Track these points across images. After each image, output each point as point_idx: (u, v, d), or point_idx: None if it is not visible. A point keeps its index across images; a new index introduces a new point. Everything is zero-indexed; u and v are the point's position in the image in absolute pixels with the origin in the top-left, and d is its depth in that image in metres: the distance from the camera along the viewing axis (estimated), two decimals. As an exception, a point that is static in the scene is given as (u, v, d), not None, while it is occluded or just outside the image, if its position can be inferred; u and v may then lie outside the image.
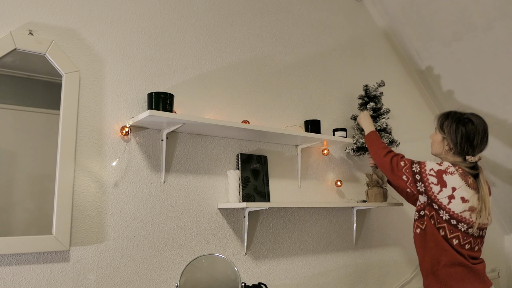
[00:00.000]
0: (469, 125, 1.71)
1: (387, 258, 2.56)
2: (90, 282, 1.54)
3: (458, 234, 1.63)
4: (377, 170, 2.32)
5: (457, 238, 1.63)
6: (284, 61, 2.30)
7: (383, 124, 2.31)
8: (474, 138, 1.69)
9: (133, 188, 1.69)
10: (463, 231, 1.63)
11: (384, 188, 2.31)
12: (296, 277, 2.11)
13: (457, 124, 1.72)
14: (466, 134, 1.70)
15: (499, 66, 2.57)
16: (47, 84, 1.54)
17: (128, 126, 1.69)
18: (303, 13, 2.46)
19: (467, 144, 1.70)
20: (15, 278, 1.40)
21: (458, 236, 1.63)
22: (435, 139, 1.81)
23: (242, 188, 1.93)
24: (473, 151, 1.71)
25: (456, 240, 1.63)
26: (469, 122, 1.72)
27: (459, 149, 1.71)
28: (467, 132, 1.70)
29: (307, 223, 2.21)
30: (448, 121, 1.75)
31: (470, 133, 1.70)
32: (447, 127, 1.74)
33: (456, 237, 1.63)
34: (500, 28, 2.42)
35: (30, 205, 1.44)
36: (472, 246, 1.66)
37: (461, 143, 1.70)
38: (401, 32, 2.85)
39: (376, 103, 2.35)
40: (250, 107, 2.10)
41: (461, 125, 1.71)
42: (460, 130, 1.71)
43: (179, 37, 1.93)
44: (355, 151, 2.36)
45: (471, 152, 1.71)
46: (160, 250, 1.72)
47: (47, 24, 1.58)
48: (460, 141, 1.70)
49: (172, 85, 1.86)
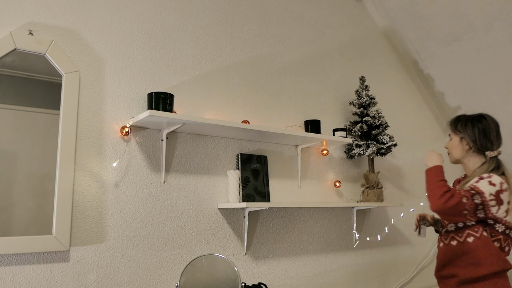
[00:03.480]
0: (483, 120, 1.76)
1: (387, 258, 2.56)
2: (90, 282, 1.54)
3: (508, 241, 1.69)
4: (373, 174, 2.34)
5: (508, 246, 1.69)
6: (284, 61, 2.30)
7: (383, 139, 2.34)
8: (491, 133, 1.74)
9: (133, 188, 1.69)
10: (511, 236, 1.69)
11: (380, 189, 2.31)
12: (296, 277, 2.11)
13: (472, 122, 1.77)
14: (483, 129, 1.74)
15: (499, 66, 2.56)
16: (47, 84, 1.54)
17: (128, 126, 1.69)
18: (303, 13, 2.46)
19: (485, 139, 1.73)
20: (15, 278, 1.40)
21: (509, 243, 1.69)
22: (453, 144, 1.81)
23: (242, 188, 1.93)
24: (491, 146, 1.74)
25: (507, 247, 1.68)
26: (482, 118, 1.77)
27: (479, 146, 1.74)
28: (483, 127, 1.74)
29: (307, 223, 2.21)
30: (462, 122, 1.79)
31: (486, 128, 1.74)
32: (463, 127, 1.78)
33: (507, 244, 1.69)
34: (500, 28, 2.42)
35: (30, 205, 1.44)
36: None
37: (479, 139, 1.73)
38: (401, 32, 2.85)
39: (369, 112, 2.36)
40: (250, 107, 2.10)
41: (476, 122, 1.76)
42: (476, 126, 1.75)
43: (179, 37, 1.93)
44: (348, 153, 2.40)
45: (490, 147, 1.74)
46: (160, 250, 1.72)
47: (47, 24, 1.58)
48: (479, 137, 1.74)
49: (172, 85, 1.86)
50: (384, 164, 2.65)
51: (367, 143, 2.32)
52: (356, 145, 2.33)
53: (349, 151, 2.39)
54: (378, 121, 2.36)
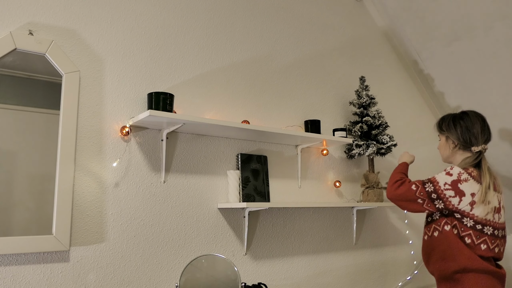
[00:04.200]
0: (465, 117, 1.78)
1: (387, 258, 2.56)
2: (90, 282, 1.54)
3: (485, 238, 1.61)
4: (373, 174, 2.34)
5: (485, 243, 1.61)
6: (284, 61, 2.30)
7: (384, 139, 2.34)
8: (473, 127, 1.75)
9: (133, 188, 1.69)
10: (489, 235, 1.62)
11: (380, 189, 2.32)
12: (296, 277, 2.11)
13: (453, 120, 1.80)
14: (465, 126, 1.76)
15: (499, 66, 2.56)
16: (47, 84, 1.54)
17: (128, 126, 1.69)
18: (303, 13, 2.46)
19: (468, 135, 1.75)
20: (15, 278, 1.40)
21: (486, 240, 1.61)
22: (441, 144, 1.86)
23: (242, 188, 1.93)
24: (476, 141, 1.74)
25: (485, 245, 1.61)
26: (463, 114, 1.79)
27: (463, 142, 1.75)
28: (465, 124, 1.76)
29: (307, 223, 2.21)
30: (446, 121, 1.83)
31: (468, 124, 1.76)
32: (446, 125, 1.82)
33: (484, 242, 1.61)
34: (500, 28, 2.42)
35: (30, 205, 1.44)
36: (500, 248, 1.65)
37: (463, 135, 1.75)
38: (401, 32, 2.85)
39: (369, 112, 2.36)
40: (250, 107, 2.10)
41: (458, 119, 1.79)
42: (458, 123, 1.78)
43: (179, 37, 1.93)
44: (348, 153, 2.39)
45: (475, 142, 1.74)
46: (160, 250, 1.72)
47: (47, 24, 1.58)
48: (461, 134, 1.75)
49: (172, 85, 1.86)
50: (384, 164, 2.65)
51: (367, 143, 2.32)
52: (356, 145, 2.34)
53: (349, 151, 2.39)
54: (378, 121, 2.36)
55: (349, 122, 2.42)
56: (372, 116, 2.36)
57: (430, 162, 2.89)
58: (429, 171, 2.80)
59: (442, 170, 1.73)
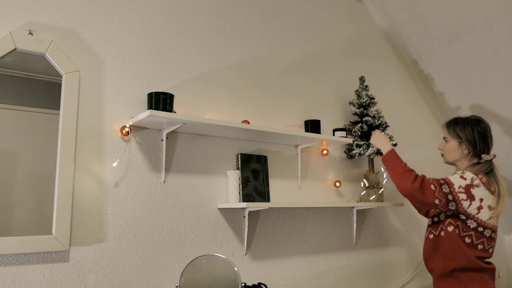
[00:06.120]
0: (481, 124, 1.78)
1: (387, 258, 2.56)
2: (90, 282, 1.54)
3: (483, 240, 1.69)
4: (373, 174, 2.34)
5: (482, 244, 1.69)
6: (284, 61, 2.30)
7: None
8: (487, 136, 1.77)
9: (133, 188, 1.69)
10: (487, 237, 1.70)
11: (380, 189, 2.31)
12: (296, 277, 2.11)
13: (471, 126, 1.77)
14: (481, 133, 1.76)
15: (499, 66, 2.56)
16: (47, 84, 1.54)
17: (128, 126, 1.69)
18: (303, 13, 2.46)
19: (483, 143, 1.76)
20: (15, 278, 1.40)
21: (483, 241, 1.69)
22: (450, 147, 1.82)
23: (242, 188, 1.93)
24: (488, 149, 1.77)
25: (481, 246, 1.69)
26: (479, 121, 1.79)
27: (478, 150, 1.76)
28: (482, 132, 1.76)
29: (307, 223, 2.21)
30: (460, 126, 1.79)
31: (483, 132, 1.76)
32: (462, 131, 1.78)
33: (481, 243, 1.69)
34: (500, 28, 2.42)
35: (30, 205, 1.44)
36: (492, 249, 1.74)
37: (479, 144, 1.75)
38: (401, 32, 2.85)
39: (368, 112, 2.36)
40: (250, 107, 2.10)
41: (475, 126, 1.77)
42: (475, 130, 1.76)
43: (179, 37, 1.93)
44: (348, 153, 2.39)
45: (486, 150, 1.76)
46: (160, 250, 1.72)
47: (47, 24, 1.58)
48: (478, 141, 1.75)
49: (172, 85, 1.86)
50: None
51: (367, 143, 2.32)
52: (356, 145, 2.34)
53: (349, 151, 2.39)
54: (378, 121, 2.36)
55: (349, 122, 2.42)
56: (372, 116, 2.36)
57: (430, 162, 2.89)
58: (429, 171, 2.80)
59: (452, 173, 1.75)
